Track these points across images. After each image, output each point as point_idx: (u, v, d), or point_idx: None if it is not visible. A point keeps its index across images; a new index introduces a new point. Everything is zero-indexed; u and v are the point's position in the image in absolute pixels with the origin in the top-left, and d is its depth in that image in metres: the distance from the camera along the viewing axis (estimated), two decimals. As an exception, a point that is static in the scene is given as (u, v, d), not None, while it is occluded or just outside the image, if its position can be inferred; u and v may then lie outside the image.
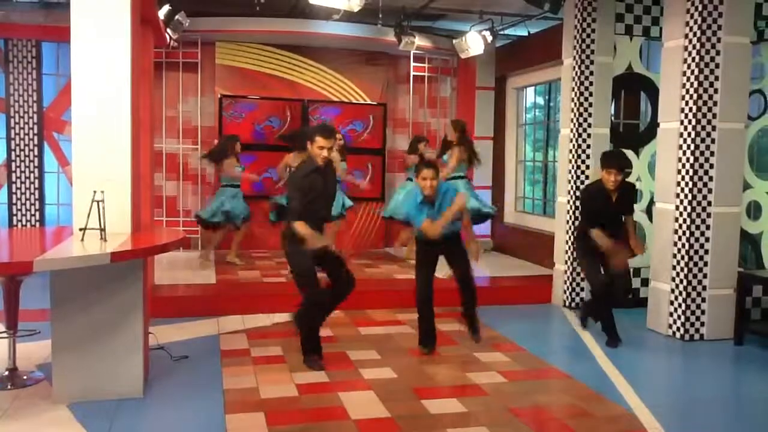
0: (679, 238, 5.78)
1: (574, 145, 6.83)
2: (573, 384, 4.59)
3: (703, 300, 5.75)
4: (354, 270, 7.85)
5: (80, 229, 4.01)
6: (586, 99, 6.76)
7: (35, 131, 8.86)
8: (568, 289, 6.88)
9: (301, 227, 4.59)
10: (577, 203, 6.79)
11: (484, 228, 9.65)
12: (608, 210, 5.49)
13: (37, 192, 8.93)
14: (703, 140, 5.66)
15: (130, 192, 4.30)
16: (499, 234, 9.97)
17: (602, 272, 5.56)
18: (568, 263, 6.85)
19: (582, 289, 6.86)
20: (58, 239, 4.30)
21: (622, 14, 6.82)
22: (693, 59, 5.64)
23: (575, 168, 6.82)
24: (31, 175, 8.89)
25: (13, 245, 4.43)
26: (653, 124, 6.59)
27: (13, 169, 8.84)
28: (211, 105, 9.46)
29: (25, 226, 8.85)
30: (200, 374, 4.59)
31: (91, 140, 4.21)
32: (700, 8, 5.56)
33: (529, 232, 9.23)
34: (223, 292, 6.79)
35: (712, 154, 5.68)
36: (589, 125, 6.77)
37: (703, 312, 5.76)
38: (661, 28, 6.34)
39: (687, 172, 5.71)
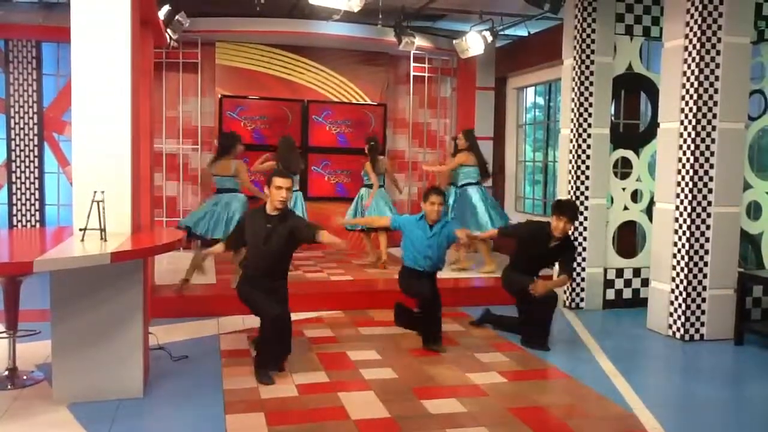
0: (679, 238, 5.78)
1: (574, 145, 6.83)
2: (573, 384, 4.59)
3: (703, 300, 5.75)
4: (354, 271, 7.93)
5: (80, 230, 4.01)
6: (586, 99, 6.76)
7: (35, 131, 8.86)
8: (567, 289, 6.87)
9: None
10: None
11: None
12: (541, 255, 5.58)
13: (37, 192, 8.94)
14: (703, 140, 5.66)
15: (131, 192, 4.29)
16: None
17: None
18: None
19: (582, 290, 6.86)
20: (58, 239, 4.30)
21: (622, 14, 6.82)
22: (693, 59, 5.64)
23: (575, 168, 6.82)
24: (31, 175, 8.90)
25: (14, 245, 4.43)
26: (653, 124, 6.59)
27: (13, 169, 8.85)
28: (211, 105, 9.47)
29: (26, 226, 8.86)
30: (200, 374, 4.59)
31: (92, 140, 4.21)
32: (700, 8, 5.56)
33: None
34: (223, 292, 6.78)
35: (712, 154, 5.68)
36: (589, 125, 6.77)
37: (703, 312, 5.76)
38: (661, 28, 6.34)
39: (687, 172, 5.71)
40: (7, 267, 3.73)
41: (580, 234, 6.80)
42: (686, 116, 5.71)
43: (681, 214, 5.77)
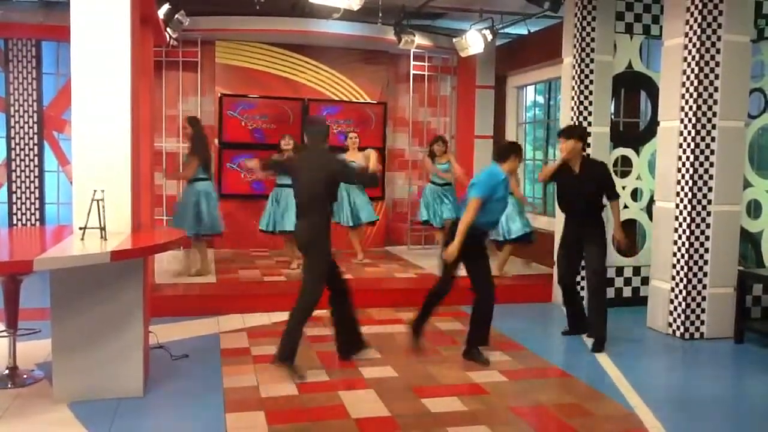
0: (680, 237, 5.78)
1: (574, 143, 6.82)
2: (573, 383, 4.59)
3: (704, 299, 5.75)
4: (354, 269, 7.92)
5: (80, 228, 4.01)
6: (586, 97, 6.76)
7: (35, 130, 8.86)
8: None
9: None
10: None
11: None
12: (573, 187, 5.48)
13: (37, 191, 8.94)
14: (703, 139, 5.65)
15: (130, 191, 4.29)
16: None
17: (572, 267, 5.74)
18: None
19: (582, 288, 6.84)
20: (58, 238, 4.30)
21: (622, 12, 6.81)
22: (693, 57, 5.64)
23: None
24: (31, 174, 8.90)
25: (14, 244, 4.43)
26: (653, 123, 6.58)
27: (13, 168, 8.85)
28: (211, 104, 9.46)
29: (25, 225, 8.86)
30: (200, 373, 4.59)
31: (91, 139, 4.21)
32: (700, 6, 5.55)
33: (529, 231, 9.22)
34: (223, 291, 6.79)
35: (712, 152, 5.68)
36: (589, 124, 6.76)
37: (703, 311, 5.76)
38: (661, 27, 6.33)
39: (687, 171, 5.71)
40: (8, 265, 3.73)
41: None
42: (686, 114, 5.70)
43: (681, 213, 5.77)
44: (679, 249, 5.78)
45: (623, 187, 6.95)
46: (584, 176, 5.44)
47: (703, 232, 5.71)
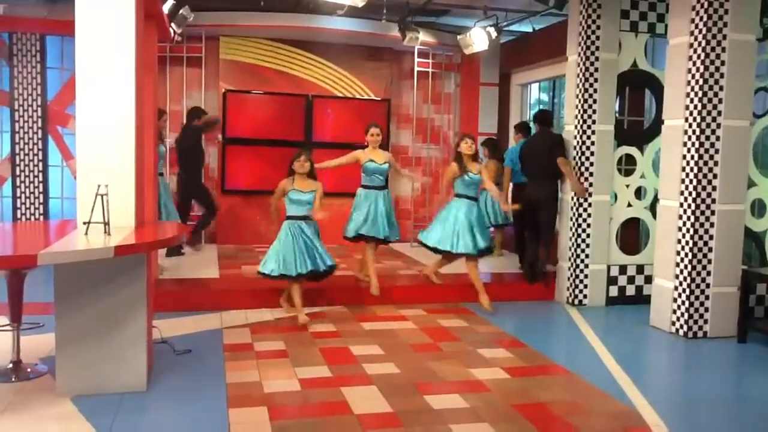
0: (683, 236, 5.77)
1: (578, 141, 6.81)
2: (576, 380, 4.59)
3: (707, 298, 5.74)
4: (357, 266, 7.91)
5: (84, 223, 4.01)
6: (591, 96, 6.74)
7: (39, 125, 8.87)
8: (571, 286, 6.87)
9: None
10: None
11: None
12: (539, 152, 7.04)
13: (41, 186, 8.95)
14: (707, 137, 5.64)
15: (134, 186, 4.30)
16: (503, 231, 9.94)
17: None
18: (572, 260, 6.84)
19: (586, 286, 6.85)
20: (62, 233, 4.31)
21: (627, 11, 6.79)
22: (698, 56, 5.62)
23: (579, 164, 6.80)
24: (35, 168, 8.91)
25: (18, 238, 4.44)
26: (658, 121, 6.57)
27: (18, 162, 8.86)
28: (215, 99, 9.46)
29: (29, 219, 8.88)
30: (203, 368, 4.60)
31: (95, 134, 4.21)
32: (705, 5, 5.53)
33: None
34: (226, 286, 6.80)
35: (716, 151, 5.66)
36: (594, 122, 6.76)
37: (706, 309, 5.75)
38: (666, 25, 6.32)
39: (691, 170, 5.69)
40: (12, 260, 3.73)
41: (584, 231, 6.79)
42: (691, 113, 5.69)
43: (685, 212, 5.76)
44: (682, 248, 5.77)
45: (627, 186, 6.95)
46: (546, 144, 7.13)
47: (707, 231, 5.70)
